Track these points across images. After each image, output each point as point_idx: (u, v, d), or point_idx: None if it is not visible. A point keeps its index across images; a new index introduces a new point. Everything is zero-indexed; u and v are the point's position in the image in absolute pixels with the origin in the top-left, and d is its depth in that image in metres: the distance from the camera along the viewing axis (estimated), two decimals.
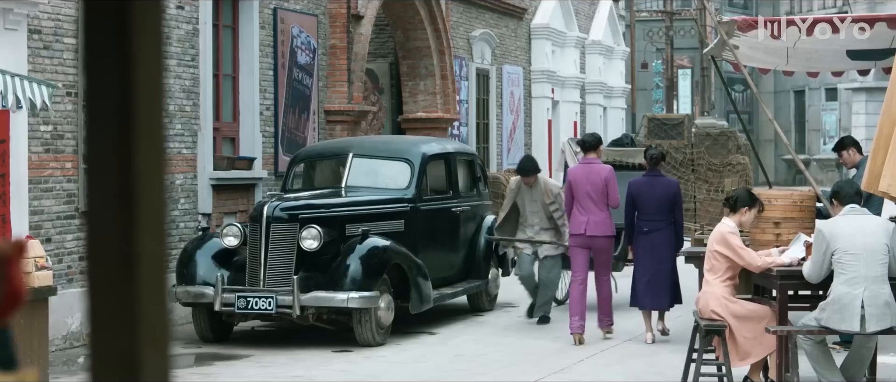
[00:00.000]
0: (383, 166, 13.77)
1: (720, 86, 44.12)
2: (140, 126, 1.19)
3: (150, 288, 1.20)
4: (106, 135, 1.19)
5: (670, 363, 10.96)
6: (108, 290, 1.20)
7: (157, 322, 1.20)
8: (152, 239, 1.20)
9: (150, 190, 1.20)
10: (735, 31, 12.08)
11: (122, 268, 1.19)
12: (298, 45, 17.02)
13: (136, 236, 1.19)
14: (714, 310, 9.47)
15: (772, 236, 10.30)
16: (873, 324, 8.74)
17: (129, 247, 1.19)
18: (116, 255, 1.19)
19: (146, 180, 1.19)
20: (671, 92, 39.89)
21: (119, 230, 1.19)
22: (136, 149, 1.19)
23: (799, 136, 47.42)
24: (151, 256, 1.20)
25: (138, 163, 1.19)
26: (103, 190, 1.20)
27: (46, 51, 12.26)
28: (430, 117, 20.74)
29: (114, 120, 1.19)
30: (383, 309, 12.42)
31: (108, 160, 1.19)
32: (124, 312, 1.19)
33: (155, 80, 1.21)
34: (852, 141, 12.94)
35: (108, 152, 1.19)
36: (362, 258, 12.36)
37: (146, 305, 1.19)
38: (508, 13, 24.97)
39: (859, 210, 9.12)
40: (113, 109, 1.19)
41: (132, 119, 1.19)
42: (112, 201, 1.19)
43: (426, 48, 20.63)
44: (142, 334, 1.19)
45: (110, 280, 1.19)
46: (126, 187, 1.19)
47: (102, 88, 1.20)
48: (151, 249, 1.20)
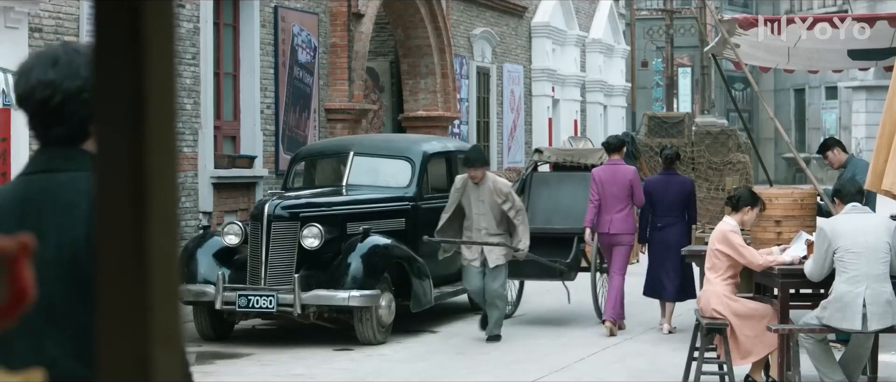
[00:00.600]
0: (384, 165, 13.77)
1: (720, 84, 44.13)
2: (151, 124, 1.18)
3: (162, 287, 1.20)
4: (116, 133, 1.19)
5: (671, 361, 10.95)
6: (119, 289, 1.19)
7: (170, 322, 1.20)
8: (164, 237, 1.20)
9: (162, 188, 1.19)
10: (736, 30, 12.08)
11: (133, 267, 1.19)
12: (299, 44, 17.02)
13: (147, 235, 1.18)
14: (715, 309, 9.47)
15: (773, 235, 10.30)
16: (875, 323, 8.74)
17: (140, 246, 1.19)
18: (127, 254, 1.19)
19: (157, 177, 1.19)
20: (671, 90, 39.89)
21: (130, 229, 1.18)
22: (148, 147, 1.18)
23: (799, 134, 47.42)
24: (163, 254, 1.19)
25: (149, 161, 1.18)
26: (113, 188, 1.19)
27: None
28: (431, 116, 20.73)
29: (124, 118, 1.19)
30: (384, 308, 12.42)
31: (119, 158, 1.19)
32: (136, 311, 1.19)
33: (166, 77, 1.20)
34: (835, 141, 12.96)
35: (118, 149, 1.19)
36: (363, 256, 12.35)
37: (158, 304, 1.19)
38: (509, 11, 24.97)
39: (861, 209, 9.12)
40: (124, 107, 1.19)
41: (143, 117, 1.18)
42: (122, 200, 1.18)
43: (427, 46, 20.63)
44: (154, 333, 1.18)
45: (121, 280, 1.19)
46: (137, 185, 1.18)
47: (113, 86, 1.19)
48: (163, 247, 1.19)
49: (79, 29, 12.63)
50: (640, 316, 13.86)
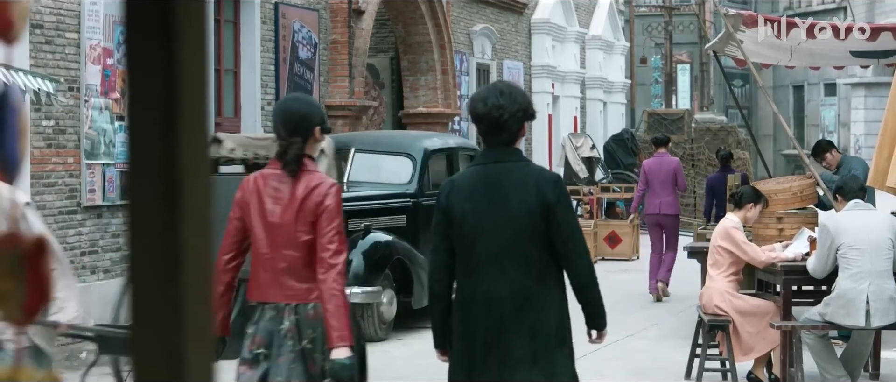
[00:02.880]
0: (385, 161, 13.75)
1: (719, 81, 44.14)
2: (184, 121, 1.18)
3: (195, 285, 1.19)
4: (150, 130, 1.18)
5: (674, 358, 10.95)
6: (152, 288, 1.19)
7: (202, 320, 1.19)
8: (197, 235, 1.19)
9: (195, 185, 1.19)
10: (740, 26, 12.08)
11: (166, 265, 1.18)
12: (299, 40, 17.01)
13: (180, 233, 1.18)
14: (718, 305, 9.47)
15: (775, 231, 10.30)
16: (878, 319, 8.74)
17: (173, 243, 1.18)
18: (160, 252, 1.18)
19: (191, 175, 1.18)
20: (670, 87, 39.88)
21: (163, 227, 1.18)
22: (181, 144, 1.18)
23: (798, 131, 47.41)
24: (196, 252, 1.19)
25: (183, 158, 1.18)
26: (146, 186, 1.19)
27: (48, 46, 12.25)
28: (431, 112, 20.72)
29: (158, 115, 1.18)
30: (386, 304, 12.41)
31: (152, 155, 1.18)
32: (169, 310, 1.18)
33: (199, 74, 1.20)
34: (829, 143, 13.12)
35: (151, 146, 1.18)
36: (365, 253, 12.34)
37: (191, 303, 1.18)
38: (509, 8, 24.96)
39: (864, 205, 9.12)
40: (157, 104, 1.18)
41: (177, 114, 1.18)
42: (155, 197, 1.18)
43: (427, 43, 20.61)
44: (187, 332, 1.18)
45: (154, 278, 1.18)
46: (171, 182, 1.18)
47: (146, 83, 1.19)
48: (196, 245, 1.19)
49: (80, 25, 12.62)
50: (641, 313, 13.86)
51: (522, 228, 5.21)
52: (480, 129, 5.34)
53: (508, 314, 5.23)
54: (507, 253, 5.23)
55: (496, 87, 5.39)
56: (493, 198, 5.27)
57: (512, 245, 5.23)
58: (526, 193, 5.23)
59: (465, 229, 5.31)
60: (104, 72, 12.93)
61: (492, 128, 5.27)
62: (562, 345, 5.29)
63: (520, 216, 5.22)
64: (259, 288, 5.57)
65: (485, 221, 5.29)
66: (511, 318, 5.23)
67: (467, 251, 5.33)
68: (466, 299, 5.34)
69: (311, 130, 5.58)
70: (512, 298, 5.22)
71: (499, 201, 5.27)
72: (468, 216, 5.31)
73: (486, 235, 5.26)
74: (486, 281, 5.25)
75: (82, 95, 12.62)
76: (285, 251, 5.49)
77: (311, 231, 5.47)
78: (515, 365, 5.24)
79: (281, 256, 5.50)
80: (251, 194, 5.59)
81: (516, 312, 5.23)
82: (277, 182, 5.55)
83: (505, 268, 5.21)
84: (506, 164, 5.28)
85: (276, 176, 5.56)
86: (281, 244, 5.49)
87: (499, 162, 5.29)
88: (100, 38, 12.83)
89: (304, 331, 5.49)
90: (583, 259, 5.27)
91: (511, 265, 5.21)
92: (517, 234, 5.22)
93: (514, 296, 5.21)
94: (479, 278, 5.27)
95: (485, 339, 5.28)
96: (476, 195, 5.30)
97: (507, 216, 5.25)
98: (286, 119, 5.57)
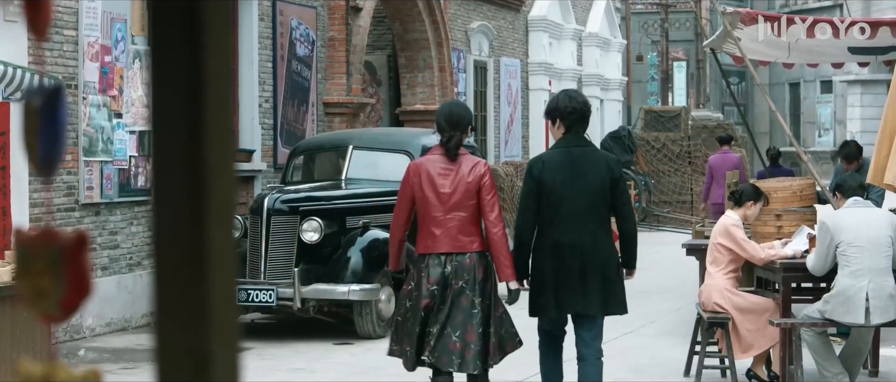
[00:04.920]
0: (383, 159, 13.73)
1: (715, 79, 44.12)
2: (210, 118, 1.17)
3: (220, 283, 1.18)
4: (175, 128, 1.18)
5: (672, 355, 10.95)
6: (177, 285, 1.18)
7: (228, 318, 1.19)
8: (222, 232, 1.19)
9: (220, 183, 1.18)
10: (738, 23, 12.07)
11: (191, 262, 1.17)
12: (297, 38, 16.99)
13: (206, 230, 1.17)
14: (717, 303, 9.46)
15: (773, 229, 10.29)
16: (878, 317, 8.73)
17: (198, 241, 1.17)
18: (185, 249, 1.17)
19: (216, 172, 1.18)
20: (666, 84, 39.88)
21: (189, 224, 1.17)
22: (206, 140, 1.17)
23: (794, 128, 47.41)
24: (221, 249, 1.18)
25: (208, 154, 1.17)
26: (171, 183, 1.18)
27: (46, 43, 12.23)
28: (429, 109, 20.69)
29: (183, 112, 1.18)
30: (384, 302, 12.40)
31: (177, 152, 1.17)
32: (194, 308, 1.17)
33: (224, 71, 1.19)
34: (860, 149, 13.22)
35: (177, 144, 1.18)
36: (363, 250, 12.34)
37: (216, 300, 1.18)
38: (506, 5, 24.95)
39: (863, 203, 9.12)
40: (181, 101, 1.18)
41: (202, 111, 1.17)
42: (181, 194, 1.17)
43: (424, 40, 20.60)
44: (212, 330, 1.17)
45: (179, 275, 1.18)
46: (196, 179, 1.17)
47: (171, 79, 1.18)
48: (221, 242, 1.18)
49: (78, 22, 12.60)
50: (640, 309, 13.86)
51: (597, 195, 7.50)
52: (566, 121, 7.61)
53: (588, 254, 7.50)
54: (588, 212, 7.51)
55: (573, 91, 7.99)
56: (576, 172, 7.50)
57: (590, 207, 7.50)
58: (599, 170, 7.53)
59: (554, 195, 7.50)
60: (102, 69, 12.91)
61: (578, 119, 7.65)
62: (619, 280, 7.68)
63: (596, 186, 7.50)
64: (433, 242, 7.64)
65: (569, 189, 7.50)
66: (590, 257, 7.51)
67: (553, 210, 7.51)
68: (551, 245, 7.54)
69: (466, 127, 7.74)
70: (591, 244, 7.51)
71: (580, 174, 7.49)
72: (556, 185, 7.50)
73: (570, 199, 7.50)
74: (570, 232, 7.50)
75: (80, 93, 12.60)
76: (456, 212, 7.55)
77: (474, 198, 7.55)
78: (592, 293, 7.54)
79: (452, 217, 7.55)
80: (418, 174, 7.65)
81: (594, 254, 7.51)
82: (442, 163, 7.62)
83: (586, 222, 7.50)
84: (583, 148, 7.64)
85: (440, 159, 7.64)
86: (452, 208, 7.55)
87: (578, 146, 7.61)
88: (97, 36, 12.81)
89: (462, 274, 7.57)
90: (631, 219, 7.78)
91: (590, 221, 7.51)
92: (594, 199, 7.51)
93: (593, 243, 7.51)
94: (564, 230, 7.50)
95: (569, 272, 7.49)
96: (563, 170, 7.52)
97: (587, 186, 7.50)
98: (450, 118, 7.67)
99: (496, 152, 24.18)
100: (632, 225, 7.71)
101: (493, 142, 24.23)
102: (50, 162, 1.36)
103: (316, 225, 12.25)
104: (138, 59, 13.45)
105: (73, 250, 1.27)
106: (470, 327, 7.63)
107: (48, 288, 1.28)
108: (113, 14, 13.06)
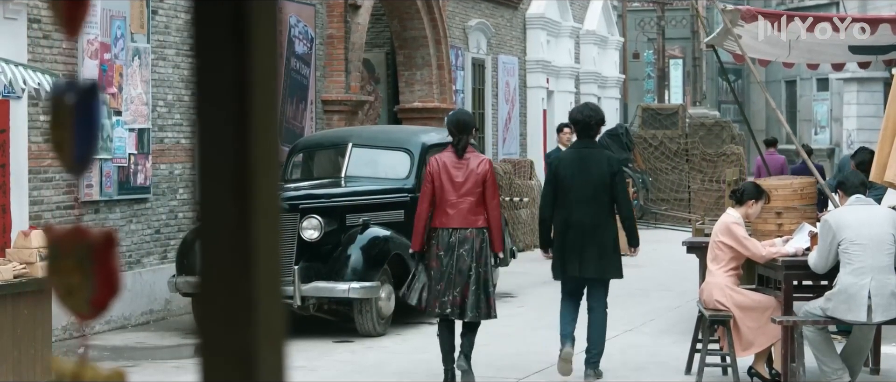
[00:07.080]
0: (383, 156, 13.72)
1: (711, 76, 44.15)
2: (257, 120, 1.17)
3: (267, 282, 1.18)
4: (220, 130, 1.17)
5: (673, 353, 10.95)
6: (223, 284, 1.18)
7: (274, 318, 1.18)
8: (267, 232, 1.18)
9: (266, 184, 1.18)
10: (738, 21, 12.06)
11: (237, 262, 1.17)
12: (296, 35, 16.99)
13: (252, 229, 1.17)
14: (718, 300, 9.46)
15: (774, 227, 10.29)
16: (880, 314, 8.74)
17: (245, 243, 1.17)
18: (232, 251, 1.17)
19: (262, 174, 1.17)
20: (662, 82, 39.90)
21: (235, 226, 1.17)
22: (252, 143, 1.17)
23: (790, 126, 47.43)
24: (267, 249, 1.18)
25: (255, 157, 1.17)
26: (217, 186, 1.17)
27: (46, 40, 12.22)
28: (427, 107, 20.70)
29: (229, 114, 1.17)
30: (384, 299, 12.40)
31: (224, 155, 1.17)
32: (240, 307, 1.17)
33: (270, 72, 1.19)
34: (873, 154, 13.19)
35: (223, 146, 1.17)
36: (363, 248, 12.33)
37: (263, 299, 1.17)
38: (504, 3, 24.95)
39: (865, 201, 9.12)
40: (228, 104, 1.17)
41: (249, 113, 1.17)
42: (227, 194, 1.17)
43: (422, 38, 20.59)
44: (258, 330, 1.17)
45: (225, 274, 1.17)
46: (242, 181, 1.16)
47: (217, 83, 1.18)
48: (267, 241, 1.18)
49: None
50: (641, 307, 13.86)
51: (599, 186, 9.71)
52: (576, 128, 10.12)
53: (588, 232, 9.68)
54: (591, 199, 9.71)
55: (588, 105, 10.50)
56: (583, 168, 9.76)
57: (593, 195, 9.71)
58: (602, 167, 9.77)
59: (565, 185, 9.78)
60: (101, 67, 12.90)
61: (583, 127, 10.00)
62: (615, 252, 9.85)
63: (598, 179, 9.73)
64: (447, 219, 9.68)
65: (577, 181, 9.73)
66: (590, 234, 9.68)
67: (565, 195, 9.77)
68: (563, 223, 9.76)
69: (472, 130, 9.93)
70: (592, 223, 9.68)
71: (586, 169, 9.72)
72: (567, 177, 9.77)
73: (578, 188, 9.73)
74: (577, 213, 9.71)
75: None
76: (466, 197, 9.65)
77: (480, 186, 9.66)
78: (590, 260, 9.72)
79: (463, 200, 9.65)
80: (437, 167, 9.78)
81: (593, 231, 9.68)
82: (454, 159, 9.78)
83: (589, 207, 9.70)
84: (590, 149, 9.96)
85: (452, 156, 9.81)
86: (463, 194, 9.65)
87: (587, 148, 9.96)
88: (97, 33, 12.79)
89: (463, 245, 9.64)
90: (627, 205, 9.98)
91: (592, 206, 9.70)
92: (596, 189, 9.72)
93: (593, 223, 9.69)
94: (572, 211, 9.72)
95: (574, 246, 9.69)
96: (573, 165, 9.82)
97: (590, 179, 9.73)
98: (458, 125, 9.85)
99: (494, 150, 24.17)
100: (628, 211, 10.02)
101: (490, 139, 24.22)
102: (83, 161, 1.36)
103: (316, 223, 12.24)
104: (137, 57, 13.44)
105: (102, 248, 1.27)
106: (466, 285, 9.64)
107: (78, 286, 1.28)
108: (112, 12, 13.05)
